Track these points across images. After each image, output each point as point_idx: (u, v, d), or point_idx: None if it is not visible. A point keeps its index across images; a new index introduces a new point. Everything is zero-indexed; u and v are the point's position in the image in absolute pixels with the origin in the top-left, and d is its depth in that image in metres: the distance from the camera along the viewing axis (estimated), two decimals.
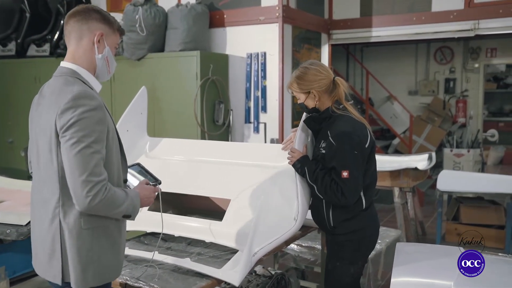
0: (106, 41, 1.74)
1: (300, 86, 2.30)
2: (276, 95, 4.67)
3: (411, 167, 4.51)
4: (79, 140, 1.57)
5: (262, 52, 4.69)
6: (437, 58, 7.99)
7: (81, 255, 1.66)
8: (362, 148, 2.22)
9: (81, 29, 1.70)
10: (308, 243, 3.52)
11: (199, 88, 4.43)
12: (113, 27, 1.77)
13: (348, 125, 2.21)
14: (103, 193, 1.59)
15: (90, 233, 1.67)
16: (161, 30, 4.68)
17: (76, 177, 1.57)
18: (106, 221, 1.70)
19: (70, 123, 1.58)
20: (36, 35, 5.39)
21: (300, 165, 2.30)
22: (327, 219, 2.32)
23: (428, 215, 6.04)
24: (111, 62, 1.79)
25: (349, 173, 2.15)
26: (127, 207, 1.69)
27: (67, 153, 1.58)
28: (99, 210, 1.62)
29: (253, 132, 4.78)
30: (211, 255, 2.47)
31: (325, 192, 2.21)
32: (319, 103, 2.30)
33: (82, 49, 1.72)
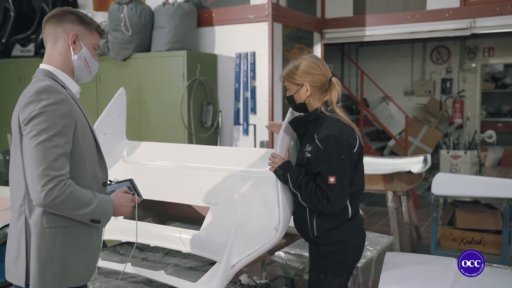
0: (82, 42, 1.74)
1: (294, 76, 2.15)
2: (266, 96, 4.55)
3: (404, 171, 4.37)
4: (39, 133, 1.53)
5: (252, 52, 4.57)
6: (433, 58, 7.86)
7: (41, 255, 1.59)
8: (350, 152, 2.08)
9: (56, 31, 1.72)
10: (296, 250, 3.39)
11: (186, 89, 4.31)
12: (90, 28, 1.77)
13: (336, 128, 2.08)
14: (60, 188, 1.52)
15: (52, 233, 1.60)
16: (147, 29, 4.55)
17: (33, 170, 1.52)
18: (73, 222, 1.62)
19: (31, 116, 1.54)
20: (21, 35, 5.26)
21: (282, 172, 2.15)
22: (310, 228, 2.17)
23: (424, 218, 5.91)
24: (91, 63, 1.78)
25: (336, 179, 2.01)
26: (94, 210, 1.61)
27: (27, 146, 1.55)
28: (57, 207, 1.54)
29: (242, 134, 4.67)
30: (188, 266, 2.33)
31: (309, 200, 2.07)
32: (309, 100, 2.16)
33: (57, 51, 1.72)
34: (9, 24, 5.31)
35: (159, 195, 2.60)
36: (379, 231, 5.26)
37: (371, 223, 5.72)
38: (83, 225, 1.65)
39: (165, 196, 2.60)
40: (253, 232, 2.24)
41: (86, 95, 4.80)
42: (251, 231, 2.24)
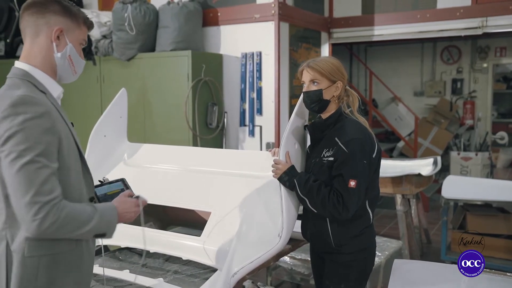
0: (67, 37, 1.50)
1: (329, 70, 2.05)
2: (272, 97, 4.47)
3: (414, 173, 4.27)
4: (20, 155, 1.32)
5: (258, 52, 4.49)
6: (443, 58, 7.71)
7: (21, 286, 1.39)
8: (371, 157, 2.03)
9: (37, 23, 1.47)
10: (301, 255, 3.31)
11: (190, 89, 4.25)
12: (77, 20, 1.53)
13: (358, 131, 2.03)
14: (54, 214, 1.33)
15: (35, 262, 1.40)
16: (152, 29, 4.49)
17: (19, 198, 1.32)
18: (59, 247, 1.43)
19: (9, 134, 1.33)
20: None
21: (288, 178, 2.06)
22: (332, 236, 2.07)
23: (434, 221, 5.81)
24: (76, 61, 1.55)
25: (356, 183, 1.94)
26: (97, 225, 1.44)
27: (8, 171, 1.33)
28: (55, 234, 1.36)
29: (248, 136, 4.59)
30: (189, 274, 2.26)
31: (321, 205, 1.98)
32: (334, 99, 2.09)
33: (37, 47, 1.49)
34: (14, 24, 5.28)
35: (160, 199, 2.52)
36: (387, 234, 5.17)
37: (380, 226, 5.62)
38: (71, 250, 1.46)
39: (166, 200, 2.53)
40: (255, 239, 2.16)
41: (89, 95, 4.76)
42: (254, 237, 2.16)
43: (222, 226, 2.25)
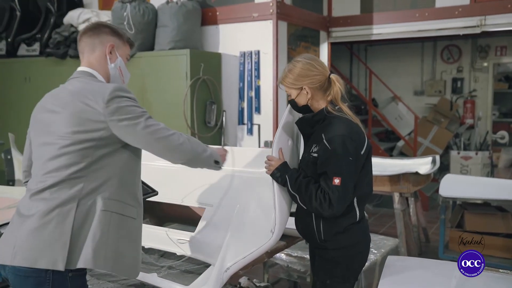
0: (117, 52, 1.86)
1: (291, 81, 2.10)
2: (271, 96, 4.49)
3: (411, 172, 4.27)
4: (138, 117, 1.73)
5: (256, 51, 4.51)
6: (444, 57, 7.70)
7: (95, 236, 1.66)
8: (358, 154, 2.01)
9: (94, 43, 1.82)
10: (297, 253, 3.31)
11: (189, 88, 4.26)
12: (123, 39, 1.89)
13: (344, 128, 2.01)
14: (179, 135, 1.81)
15: (107, 216, 1.69)
16: (151, 28, 4.51)
17: (155, 144, 1.76)
18: (126, 210, 1.73)
19: (123, 105, 1.72)
20: (26, 34, 5.25)
21: (280, 174, 2.08)
22: (317, 232, 2.09)
23: (433, 220, 5.80)
24: (124, 72, 1.90)
25: (341, 181, 1.94)
26: (212, 152, 1.93)
27: (133, 131, 1.71)
28: (185, 146, 1.81)
29: (246, 134, 4.61)
30: (183, 269, 2.28)
31: (309, 201, 2.00)
32: (312, 101, 2.11)
33: (95, 59, 1.83)
34: (15, 24, 5.32)
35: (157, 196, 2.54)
36: (386, 233, 5.18)
37: (379, 225, 5.62)
38: (134, 220, 1.75)
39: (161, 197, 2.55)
40: (248, 235, 2.17)
41: None
42: (247, 233, 2.18)
43: (215, 222, 2.27)
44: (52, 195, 1.64)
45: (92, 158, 1.67)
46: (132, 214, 1.75)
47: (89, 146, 1.67)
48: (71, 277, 1.63)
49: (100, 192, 1.67)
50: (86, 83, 1.75)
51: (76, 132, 1.66)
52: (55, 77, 5.02)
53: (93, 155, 1.67)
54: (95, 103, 1.66)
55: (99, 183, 1.67)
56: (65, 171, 1.65)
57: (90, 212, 1.65)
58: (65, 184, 1.65)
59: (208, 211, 2.35)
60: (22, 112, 5.23)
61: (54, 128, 1.71)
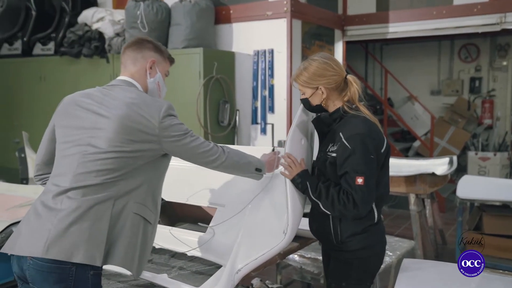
0: (157, 68, 1.93)
1: (307, 80, 2.05)
2: (284, 95, 4.45)
3: (428, 172, 4.18)
4: (185, 134, 1.86)
5: (270, 49, 4.48)
6: (461, 56, 7.54)
7: (127, 236, 1.72)
8: (378, 152, 1.97)
9: (136, 57, 1.89)
10: (311, 254, 3.26)
11: (202, 87, 4.25)
12: (164, 56, 1.97)
13: (363, 126, 1.96)
14: (222, 149, 1.95)
15: (137, 219, 1.76)
16: (164, 26, 4.50)
17: (198, 156, 1.89)
18: (151, 218, 1.81)
19: (174, 123, 1.83)
20: (41, 33, 5.29)
21: (301, 180, 2.04)
22: (334, 233, 2.04)
23: (450, 222, 5.69)
24: (162, 88, 1.98)
25: (364, 180, 1.89)
26: (253, 160, 2.02)
27: (181, 146, 1.84)
28: (231, 159, 1.95)
29: (260, 134, 4.58)
30: (194, 270, 2.24)
31: (332, 206, 1.95)
32: (327, 102, 2.07)
33: (137, 71, 1.90)
34: (31, 23, 5.36)
35: (167, 196, 2.52)
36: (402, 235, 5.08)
37: (394, 227, 5.53)
38: (150, 224, 1.81)
39: (172, 197, 2.52)
40: (260, 236, 2.13)
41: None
42: (259, 234, 2.13)
43: (227, 223, 2.23)
44: (90, 193, 1.68)
45: (134, 166, 1.74)
46: (150, 219, 1.82)
47: (134, 156, 1.73)
48: (92, 275, 1.65)
49: (133, 195, 1.74)
50: (138, 94, 1.81)
51: (125, 141, 1.71)
52: (69, 76, 5.07)
53: (135, 163, 1.74)
54: (150, 117, 1.74)
55: (133, 187, 1.74)
56: (106, 175, 1.70)
57: (123, 213, 1.71)
58: (103, 186, 1.70)
59: (220, 211, 2.31)
60: (37, 111, 5.27)
61: (99, 132, 1.73)
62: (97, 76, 4.85)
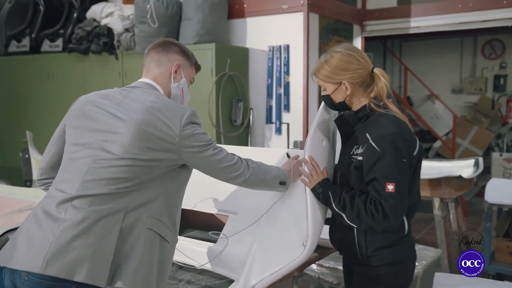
0: (183, 73, 1.80)
1: (328, 74, 1.84)
2: (301, 93, 4.27)
3: (454, 175, 3.93)
4: (208, 145, 1.70)
5: (285, 45, 4.29)
6: (485, 52, 7.27)
7: (137, 255, 1.54)
8: (411, 155, 1.75)
9: (161, 59, 1.77)
10: (330, 263, 3.06)
11: (214, 84, 4.08)
12: (190, 61, 1.84)
13: (393, 125, 1.75)
14: (246, 164, 1.78)
15: (151, 234, 1.59)
16: (175, 21, 4.32)
17: (220, 171, 1.72)
18: (163, 231, 1.62)
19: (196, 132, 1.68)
20: (49, 30, 5.15)
21: (322, 190, 1.83)
22: (358, 246, 1.83)
23: (473, 227, 5.43)
24: (185, 94, 1.83)
25: (395, 187, 1.67)
26: (277, 173, 1.86)
27: (202, 158, 1.68)
28: (256, 175, 1.79)
29: (274, 134, 4.41)
30: (203, 284, 2.04)
31: (358, 218, 1.74)
32: (351, 98, 1.86)
33: (160, 75, 1.77)
34: (39, 19, 5.23)
35: None
36: (423, 240, 4.84)
37: (415, 231, 5.27)
38: (168, 243, 1.64)
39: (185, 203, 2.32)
40: (277, 247, 1.93)
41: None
42: (275, 246, 1.93)
43: (240, 232, 2.03)
44: (98, 203, 1.51)
45: (149, 176, 1.58)
46: (168, 237, 1.64)
47: (150, 165, 1.58)
48: None
49: (146, 209, 1.58)
50: (158, 97, 1.65)
51: (142, 148, 1.56)
52: (77, 74, 4.93)
53: (151, 173, 1.58)
54: (171, 123, 1.59)
55: (146, 200, 1.58)
56: (118, 184, 1.54)
57: (134, 228, 1.54)
58: (114, 196, 1.53)
59: (232, 219, 2.11)
60: (44, 110, 5.14)
61: (114, 136, 1.58)
62: (105, 74, 4.70)
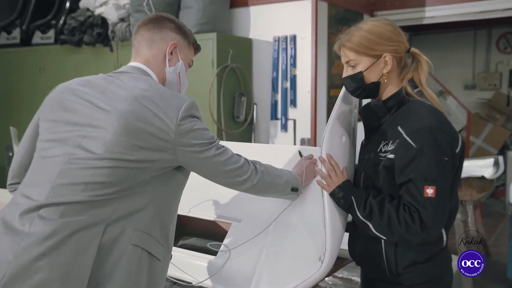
0: (179, 55, 1.54)
1: (368, 44, 1.51)
2: (308, 87, 4.02)
3: (476, 175, 3.65)
4: (209, 145, 1.45)
5: (292, 35, 4.04)
6: (500, 46, 7.02)
7: (121, 275, 1.30)
8: (453, 153, 1.46)
9: (153, 38, 1.51)
10: (343, 273, 2.78)
11: (215, 77, 3.84)
12: (188, 40, 1.57)
13: (432, 116, 1.46)
14: (253, 167, 1.53)
15: (138, 251, 1.35)
16: (173, 9, 4.07)
17: (222, 175, 1.49)
18: (154, 248, 1.37)
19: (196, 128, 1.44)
20: (41, 20, 4.88)
21: (344, 194, 1.55)
22: (387, 260, 1.54)
23: (489, 230, 5.19)
24: (183, 80, 1.56)
25: (436, 190, 1.39)
26: (289, 178, 1.62)
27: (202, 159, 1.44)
28: (264, 180, 1.55)
29: (280, 130, 4.17)
30: None
31: (389, 229, 1.45)
32: (387, 78, 1.55)
33: (153, 56, 1.51)
34: (30, 10, 4.96)
35: None
36: None
37: None
38: (159, 262, 1.39)
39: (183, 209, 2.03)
40: (288, 262, 1.65)
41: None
42: (286, 261, 1.66)
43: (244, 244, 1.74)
44: (72, 214, 1.26)
45: (136, 180, 1.32)
46: (159, 254, 1.39)
47: (139, 167, 1.31)
48: None
49: (133, 220, 1.31)
50: (150, 84, 1.39)
51: (129, 146, 1.30)
52: (70, 67, 4.66)
53: (139, 177, 1.32)
54: (165, 116, 1.33)
55: (133, 209, 1.32)
56: (97, 190, 1.28)
57: (117, 244, 1.28)
58: (91, 205, 1.27)
59: (235, 227, 1.82)
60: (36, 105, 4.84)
61: (95, 131, 1.32)
62: (100, 66, 4.43)
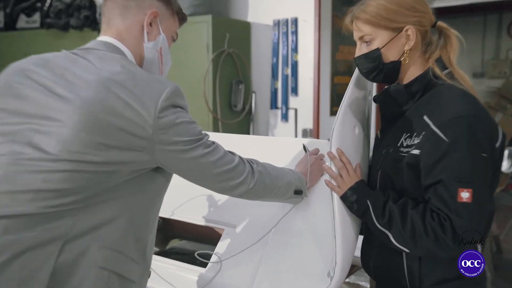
0: (161, 26, 1.27)
1: (387, 14, 1.27)
2: (311, 73, 3.81)
3: None
4: (196, 143, 1.20)
5: (293, 18, 3.83)
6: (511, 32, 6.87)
7: None
8: (493, 148, 1.21)
9: (127, 5, 1.22)
10: (350, 278, 2.58)
11: (210, 63, 3.64)
12: (172, 7, 1.30)
13: (466, 104, 1.21)
14: (251, 168, 1.31)
15: (105, 275, 1.14)
16: None
17: (214, 178, 1.24)
18: (130, 275, 1.16)
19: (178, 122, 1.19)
20: (25, 3, 4.63)
21: (357, 198, 1.30)
22: (409, 276, 1.30)
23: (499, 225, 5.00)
24: (165, 58, 1.31)
25: (472, 194, 1.15)
26: (291, 179, 1.38)
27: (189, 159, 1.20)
28: (263, 183, 1.31)
29: (280, 120, 3.99)
30: None
31: (413, 240, 1.21)
32: (410, 56, 1.30)
33: (127, 29, 1.22)
34: None
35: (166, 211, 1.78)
36: None
37: None
38: (134, 283, 1.16)
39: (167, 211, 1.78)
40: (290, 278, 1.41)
41: None
42: (287, 275, 1.42)
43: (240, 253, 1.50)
44: (18, 229, 1.01)
45: (104, 186, 1.06)
46: (133, 275, 1.15)
47: (107, 171, 1.05)
48: None
49: (99, 236, 1.07)
50: (123, 65, 1.11)
51: (93, 145, 1.03)
52: None
53: (107, 182, 1.06)
54: (140, 106, 1.05)
55: (98, 222, 1.07)
56: (52, 199, 1.02)
57: (77, 266, 1.05)
58: (45, 217, 1.02)
59: (228, 234, 1.58)
60: None
61: (50, 125, 1.05)
62: None
